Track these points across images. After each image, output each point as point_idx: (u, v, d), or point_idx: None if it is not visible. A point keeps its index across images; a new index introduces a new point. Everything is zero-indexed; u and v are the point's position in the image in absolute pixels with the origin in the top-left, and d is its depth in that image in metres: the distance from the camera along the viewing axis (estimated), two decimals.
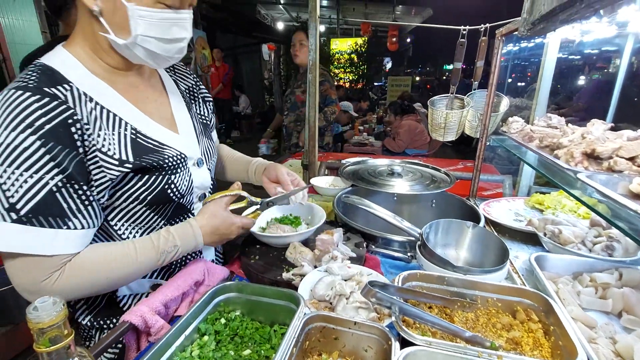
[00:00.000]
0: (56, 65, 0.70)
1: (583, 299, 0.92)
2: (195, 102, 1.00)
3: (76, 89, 0.69)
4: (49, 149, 0.62)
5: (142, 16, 0.67)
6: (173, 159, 0.81)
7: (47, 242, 0.63)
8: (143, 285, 0.90)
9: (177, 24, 0.72)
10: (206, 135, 0.98)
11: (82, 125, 0.67)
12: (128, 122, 0.76)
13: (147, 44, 0.70)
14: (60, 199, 0.64)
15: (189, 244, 0.82)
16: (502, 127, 1.43)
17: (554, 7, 0.75)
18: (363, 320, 0.72)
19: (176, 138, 0.85)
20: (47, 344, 0.46)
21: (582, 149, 0.93)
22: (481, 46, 1.55)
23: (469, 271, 0.88)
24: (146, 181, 0.76)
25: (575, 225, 1.16)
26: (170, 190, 0.81)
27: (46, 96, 0.64)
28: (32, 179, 0.61)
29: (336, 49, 11.72)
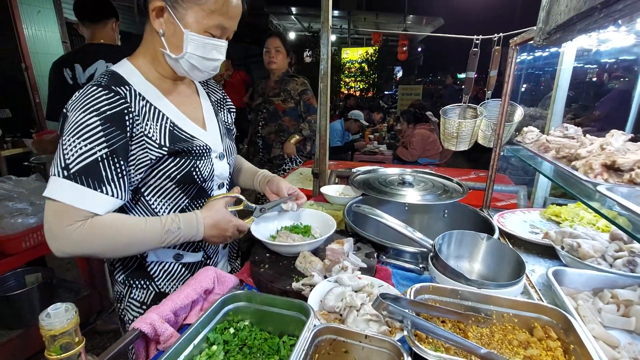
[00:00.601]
0: (121, 72, 0.93)
1: (604, 317, 0.88)
2: (222, 111, 1.20)
3: (134, 89, 0.91)
4: (105, 128, 0.82)
5: (193, 39, 0.89)
6: (199, 147, 0.99)
7: (81, 197, 0.80)
8: (167, 254, 1.05)
9: (216, 49, 0.94)
10: (228, 137, 1.17)
11: (134, 116, 0.87)
12: (169, 117, 0.96)
13: (192, 60, 0.92)
14: (101, 167, 0.82)
15: (191, 229, 0.93)
16: (517, 137, 1.40)
17: (571, 16, 0.74)
18: (374, 334, 0.70)
19: (204, 134, 1.04)
20: (58, 351, 0.46)
21: (601, 161, 0.90)
22: (495, 55, 1.54)
23: (484, 285, 0.86)
24: (177, 162, 0.95)
25: (594, 239, 1.12)
26: (194, 172, 0.98)
27: (112, 92, 0.86)
28: (85, 147, 0.80)
29: (347, 58, 11.81)
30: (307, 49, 10.41)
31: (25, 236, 2.00)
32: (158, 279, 1.06)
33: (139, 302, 1.07)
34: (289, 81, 2.72)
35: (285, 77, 2.73)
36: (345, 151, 5.35)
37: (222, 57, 0.97)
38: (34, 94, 4.29)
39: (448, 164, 4.68)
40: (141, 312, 1.06)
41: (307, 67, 10.47)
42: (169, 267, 1.06)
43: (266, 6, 9.76)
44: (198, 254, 1.09)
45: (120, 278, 1.06)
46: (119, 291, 1.09)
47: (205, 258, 1.12)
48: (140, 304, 1.07)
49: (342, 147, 5.40)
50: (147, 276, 1.05)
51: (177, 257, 1.06)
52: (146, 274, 1.05)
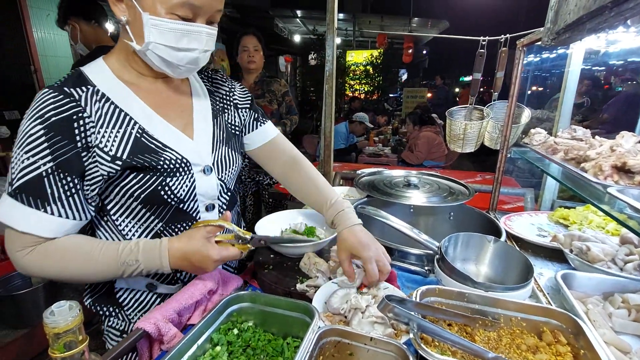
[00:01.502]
0: (88, 71, 0.80)
1: (615, 322, 0.86)
2: (227, 110, 1.01)
3: (95, 90, 0.77)
4: (49, 138, 0.70)
5: (154, 25, 0.73)
6: (171, 161, 0.82)
7: (22, 218, 0.70)
8: (139, 282, 0.91)
9: (187, 35, 0.76)
10: (227, 145, 0.96)
11: (87, 122, 0.74)
12: (137, 121, 0.81)
13: (158, 51, 0.75)
14: (46, 184, 0.70)
15: (153, 262, 0.77)
16: (524, 139, 1.39)
17: (580, 16, 0.73)
18: (380, 337, 0.69)
19: (186, 143, 0.87)
20: (62, 349, 0.46)
21: (611, 162, 0.89)
22: (501, 57, 1.53)
23: (491, 288, 0.84)
24: (140, 179, 0.79)
25: (604, 242, 1.10)
26: (164, 192, 0.82)
27: (62, 94, 0.73)
28: (27, 161, 0.69)
29: (352, 60, 11.82)
30: (312, 51, 10.45)
31: None
32: (128, 308, 0.92)
33: (118, 331, 0.95)
34: (272, 82, 2.63)
35: (265, 77, 2.62)
36: (349, 153, 5.34)
37: (201, 46, 0.78)
38: None
39: (453, 167, 4.66)
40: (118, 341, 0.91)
41: (312, 70, 10.51)
42: (141, 297, 0.92)
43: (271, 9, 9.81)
44: (173, 287, 0.94)
45: (87, 302, 0.94)
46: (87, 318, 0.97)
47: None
48: (120, 332, 0.95)
49: (346, 149, 5.39)
50: (116, 304, 0.91)
51: (149, 287, 0.92)
52: (115, 301, 0.92)
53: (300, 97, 11.29)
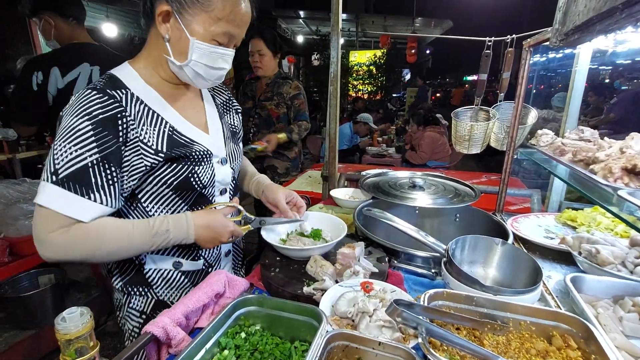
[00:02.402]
0: (120, 75, 0.91)
1: (626, 325, 0.85)
2: (228, 113, 1.17)
3: (131, 93, 0.88)
4: (96, 132, 0.79)
5: (199, 47, 0.87)
6: (199, 153, 0.96)
7: (68, 204, 0.77)
8: (166, 262, 1.01)
9: (222, 57, 0.91)
10: (233, 141, 1.13)
11: (128, 120, 0.85)
12: (168, 121, 0.93)
13: (197, 68, 0.90)
14: (91, 174, 0.79)
15: (181, 230, 0.90)
16: (531, 140, 1.38)
17: (590, 17, 0.72)
18: (388, 341, 0.69)
19: (206, 138, 1.01)
20: (73, 355, 0.46)
21: (621, 164, 0.88)
22: (507, 57, 1.52)
23: (500, 291, 0.84)
24: (174, 169, 0.92)
25: (613, 245, 1.09)
26: (193, 179, 0.95)
27: (106, 95, 0.83)
28: (75, 152, 0.78)
29: (355, 61, 11.80)
30: (315, 52, 10.44)
31: None
32: (157, 286, 1.02)
33: (138, 312, 1.03)
34: (282, 84, 2.49)
35: (278, 79, 2.50)
36: (353, 153, 5.33)
37: (228, 66, 0.95)
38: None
39: (458, 167, 4.64)
40: (141, 321, 1.03)
41: (316, 70, 10.51)
42: (168, 275, 1.02)
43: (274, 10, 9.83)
44: (198, 262, 1.05)
45: (118, 285, 1.03)
46: (118, 299, 1.06)
47: (207, 266, 1.07)
48: (139, 313, 1.03)
49: (349, 150, 5.38)
50: (145, 283, 1.01)
51: (176, 265, 1.02)
52: (144, 280, 1.01)
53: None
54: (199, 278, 1.06)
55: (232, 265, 1.20)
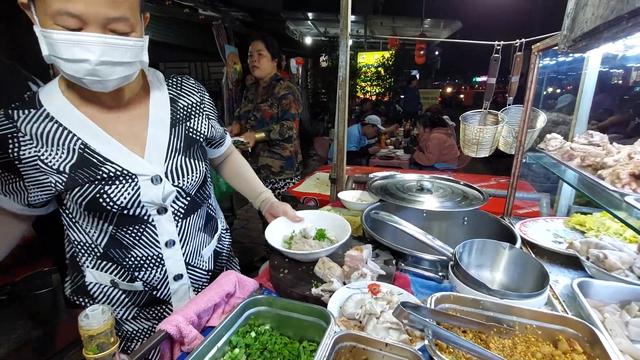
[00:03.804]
0: (42, 92, 0.87)
1: (632, 330, 0.85)
2: (193, 118, 1.02)
3: (42, 112, 0.84)
4: None
5: (45, 37, 0.72)
6: (109, 173, 0.86)
7: None
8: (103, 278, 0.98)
9: (77, 45, 0.72)
10: (186, 154, 0.98)
11: (20, 140, 0.83)
12: (80, 137, 0.86)
13: (57, 64, 0.75)
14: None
15: None
16: (540, 144, 1.37)
17: (597, 25, 0.73)
18: (395, 342, 0.70)
19: (129, 155, 0.89)
20: (95, 350, 0.49)
21: (629, 170, 0.88)
22: (516, 61, 1.52)
23: (506, 295, 0.85)
24: (79, 188, 0.85)
25: (621, 250, 1.09)
26: (102, 199, 0.86)
27: (5, 116, 0.83)
28: None
29: (363, 62, 11.80)
30: (323, 53, 10.47)
31: None
32: (99, 300, 1.00)
33: None
34: (276, 85, 2.56)
35: (273, 81, 2.58)
36: (360, 156, 5.33)
37: (94, 57, 0.73)
38: None
39: (466, 170, 4.61)
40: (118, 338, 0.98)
41: (324, 72, 10.54)
42: (108, 291, 0.99)
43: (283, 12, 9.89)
44: (135, 284, 0.97)
45: (67, 292, 1.04)
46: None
47: (150, 288, 0.98)
48: None
49: (357, 152, 5.39)
50: (88, 295, 0.99)
51: (113, 283, 0.98)
52: (87, 292, 0.99)
53: (312, 99, 11.32)
54: (141, 298, 1.00)
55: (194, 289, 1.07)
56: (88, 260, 0.96)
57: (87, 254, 0.96)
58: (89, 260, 0.96)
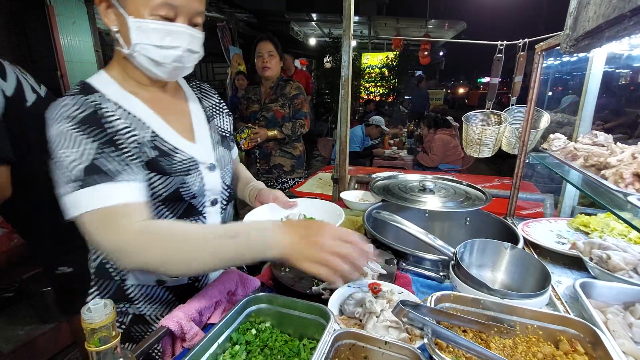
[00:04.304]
0: (94, 82, 0.86)
1: (636, 332, 0.84)
2: (218, 116, 1.11)
3: (107, 97, 0.84)
4: (81, 129, 0.76)
5: (139, 26, 0.78)
6: (183, 162, 0.90)
7: (107, 193, 0.73)
8: (148, 278, 0.96)
9: (170, 34, 0.81)
10: (222, 145, 1.07)
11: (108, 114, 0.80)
12: (150, 126, 0.87)
13: (145, 51, 0.81)
14: (103, 161, 0.76)
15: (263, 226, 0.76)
16: (543, 144, 1.37)
17: (599, 24, 0.72)
18: (394, 341, 0.70)
19: (189, 145, 0.94)
20: (97, 343, 0.49)
21: (633, 170, 0.87)
22: (519, 61, 1.51)
23: (507, 295, 0.84)
24: (164, 181, 0.87)
25: (625, 251, 1.08)
26: (182, 189, 0.89)
27: (79, 98, 0.80)
28: (74, 154, 0.74)
29: (367, 63, 11.80)
30: (327, 54, 10.49)
31: None
32: (138, 302, 0.97)
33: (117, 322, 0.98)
34: (285, 85, 2.61)
35: (280, 81, 2.62)
36: (364, 157, 5.33)
37: (184, 44, 0.82)
38: None
39: (470, 171, 4.59)
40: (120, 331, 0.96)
41: (327, 72, 10.56)
42: (151, 291, 0.97)
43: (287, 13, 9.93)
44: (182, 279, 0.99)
45: None
46: None
47: (192, 280, 1.01)
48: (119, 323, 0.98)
49: (360, 153, 5.39)
50: (126, 299, 0.96)
51: (159, 282, 0.97)
52: (125, 297, 0.96)
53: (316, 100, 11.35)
54: (185, 293, 0.98)
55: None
56: None
57: None
58: None
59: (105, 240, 0.73)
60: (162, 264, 0.74)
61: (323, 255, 0.71)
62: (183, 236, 0.74)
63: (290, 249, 0.73)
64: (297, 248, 0.73)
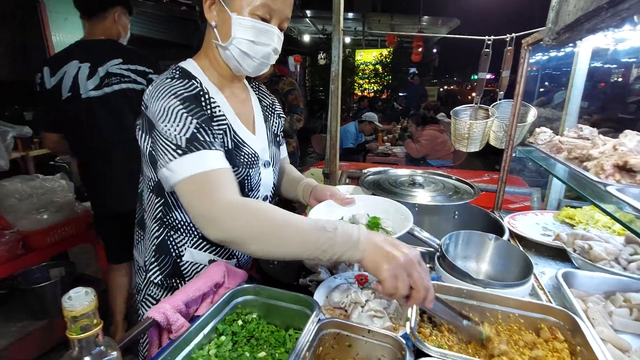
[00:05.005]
0: (189, 69, 0.96)
1: (616, 320, 0.87)
2: (272, 116, 1.18)
3: (201, 83, 0.93)
4: (186, 106, 0.85)
5: (240, 23, 0.88)
6: (248, 155, 0.98)
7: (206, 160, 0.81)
8: (202, 257, 1.03)
9: (264, 33, 0.90)
10: (274, 144, 1.15)
11: (209, 98, 0.91)
12: (226, 117, 0.96)
13: (241, 45, 0.90)
14: (202, 134, 0.84)
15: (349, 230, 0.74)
16: (529, 139, 1.39)
17: (578, 16, 0.74)
18: (377, 329, 0.72)
19: (254, 140, 1.03)
20: (78, 331, 0.50)
21: (613, 161, 0.89)
22: (507, 56, 1.53)
23: (490, 285, 0.86)
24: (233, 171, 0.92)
25: (607, 242, 1.10)
26: (246, 181, 0.98)
27: (185, 79, 0.90)
28: (178, 127, 0.82)
29: (361, 60, 11.79)
30: (321, 51, 10.46)
31: (50, 231, 2.10)
32: (189, 278, 1.02)
33: (155, 300, 1.05)
34: (277, 81, 2.66)
35: (273, 77, 2.68)
36: (358, 153, 5.35)
37: (273, 44, 0.93)
38: None
39: (463, 166, 4.62)
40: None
41: (321, 69, 10.54)
42: (201, 269, 1.03)
43: None
44: (231, 261, 1.06)
45: (157, 279, 1.03)
46: (138, 284, 1.09)
47: (238, 266, 1.06)
48: (156, 301, 1.05)
49: (354, 149, 5.40)
50: (180, 275, 1.03)
51: (210, 262, 1.01)
52: (180, 273, 1.02)
53: (310, 97, 11.32)
54: None
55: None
56: (189, 241, 1.00)
57: (189, 234, 1.00)
58: (190, 241, 1.00)
59: (195, 206, 0.79)
60: (249, 239, 0.75)
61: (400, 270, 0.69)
62: (277, 213, 0.77)
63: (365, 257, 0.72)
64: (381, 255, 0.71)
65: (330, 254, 0.72)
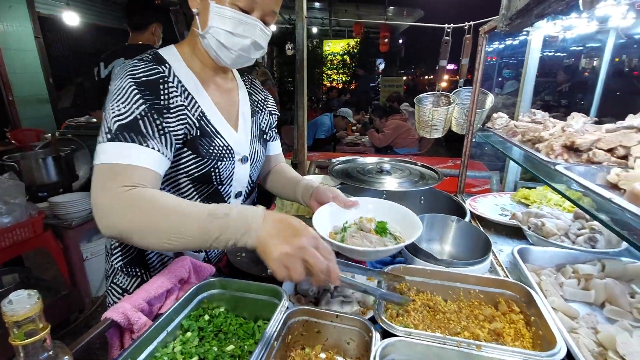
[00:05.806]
0: (164, 54, 0.93)
1: (566, 290, 0.93)
2: (262, 112, 1.15)
3: (172, 70, 0.90)
4: (141, 90, 0.82)
5: (218, 12, 0.85)
6: (219, 147, 0.96)
7: (124, 153, 0.77)
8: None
9: (243, 24, 0.87)
10: (259, 140, 1.12)
11: (169, 87, 0.87)
12: (200, 106, 0.94)
13: (217, 35, 0.87)
14: (141, 125, 0.80)
15: (242, 219, 0.69)
16: (487, 124, 1.44)
17: (528, 2, 0.77)
18: (344, 314, 0.72)
19: (231, 133, 1.00)
20: (22, 337, 0.46)
21: (562, 142, 0.95)
22: (466, 44, 1.57)
23: (452, 264, 0.89)
24: (198, 162, 0.92)
25: (558, 218, 1.18)
26: (214, 173, 0.95)
27: (150, 63, 0.87)
28: (124, 109, 0.80)
29: (329, 50, 11.75)
30: (288, 41, 10.30)
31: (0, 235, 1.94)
32: (154, 270, 1.02)
33: (120, 289, 1.02)
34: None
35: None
36: (328, 143, 5.38)
37: (254, 37, 0.89)
38: (7, 92, 4.10)
39: (429, 153, 4.77)
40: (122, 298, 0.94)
41: (289, 60, 10.39)
42: (168, 261, 1.01)
43: None
44: (199, 255, 1.04)
45: (118, 264, 1.01)
46: (106, 270, 1.07)
47: (207, 260, 1.04)
48: (122, 290, 1.02)
49: (326, 139, 5.43)
50: (144, 266, 1.01)
51: (177, 255, 0.98)
52: (144, 263, 1.01)
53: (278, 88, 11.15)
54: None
55: None
56: None
57: None
58: None
59: (95, 194, 0.74)
60: (136, 233, 0.72)
61: (291, 259, 0.66)
62: (167, 203, 0.72)
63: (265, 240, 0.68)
64: (271, 242, 0.67)
65: (225, 242, 0.69)
